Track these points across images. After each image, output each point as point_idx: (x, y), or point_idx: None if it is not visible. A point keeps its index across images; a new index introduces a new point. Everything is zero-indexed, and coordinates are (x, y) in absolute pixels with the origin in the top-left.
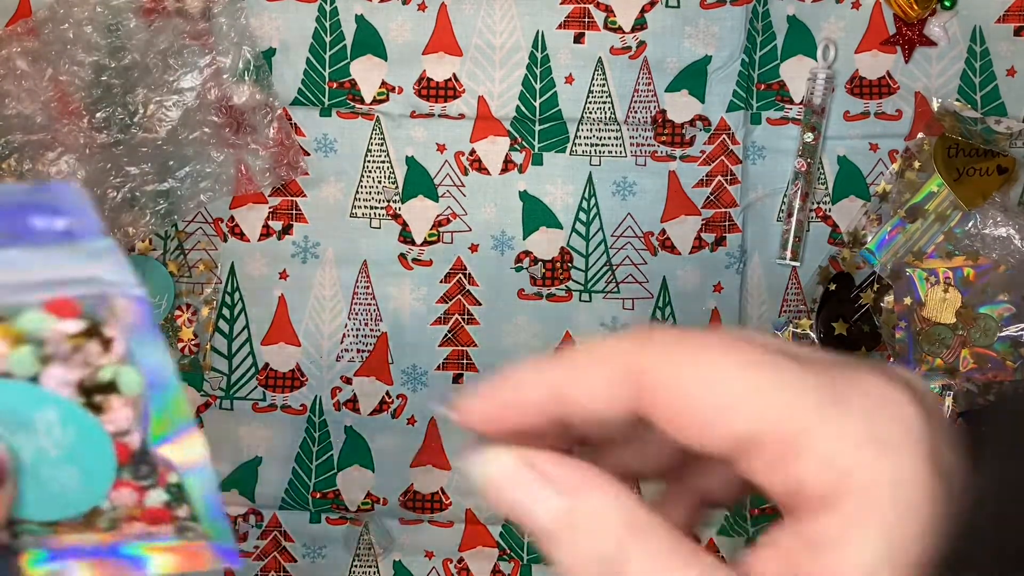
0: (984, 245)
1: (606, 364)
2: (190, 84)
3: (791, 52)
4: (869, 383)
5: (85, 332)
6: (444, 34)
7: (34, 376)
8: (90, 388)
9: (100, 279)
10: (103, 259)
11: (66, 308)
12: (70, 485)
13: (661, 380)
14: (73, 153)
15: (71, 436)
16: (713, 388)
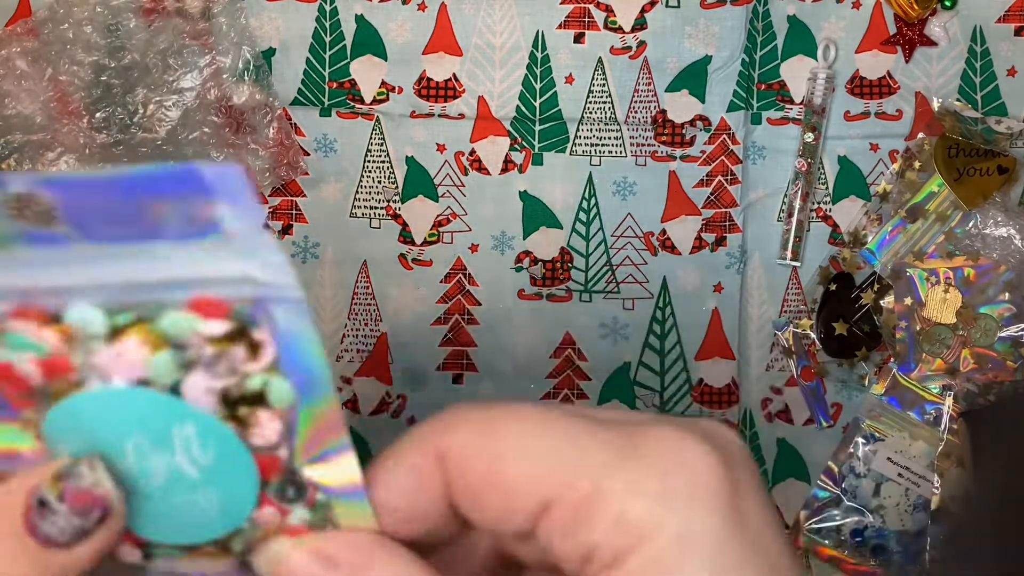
0: (985, 245)
1: (413, 453)
2: (190, 84)
3: (791, 52)
4: (664, 437)
5: (231, 336)
6: (444, 34)
7: (175, 384)
8: (235, 399)
9: (255, 278)
10: (260, 255)
11: (213, 308)
12: (208, 509)
13: (463, 460)
14: (73, 153)
15: (211, 455)
16: (505, 456)
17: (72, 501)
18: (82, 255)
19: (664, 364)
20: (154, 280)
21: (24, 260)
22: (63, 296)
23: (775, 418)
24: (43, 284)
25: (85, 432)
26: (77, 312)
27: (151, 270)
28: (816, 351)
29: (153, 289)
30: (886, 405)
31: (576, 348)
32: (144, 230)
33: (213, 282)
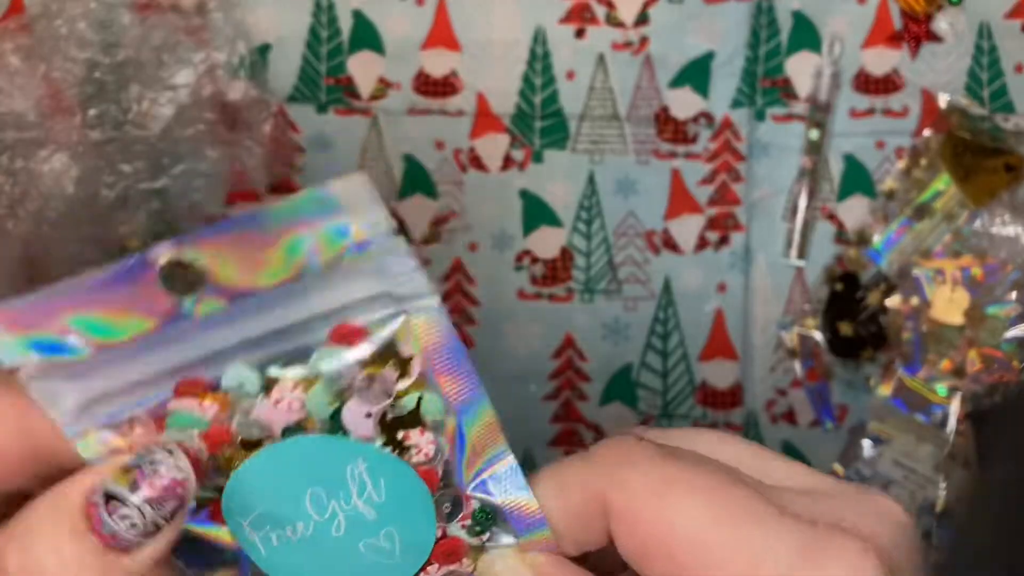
0: (992, 244)
1: (581, 494)
2: (184, 80)
3: (796, 48)
4: (846, 551)
5: (379, 357)
6: (442, 29)
7: (333, 416)
8: (392, 422)
9: (390, 294)
10: (394, 268)
11: (353, 334)
12: (391, 550)
13: (634, 519)
14: (66, 151)
15: (384, 489)
16: (683, 532)
17: (150, 490)
18: (230, 315)
19: (667, 365)
20: (298, 321)
21: (183, 335)
22: (218, 361)
23: (780, 420)
24: (197, 355)
25: (261, 497)
26: (233, 375)
27: (294, 312)
28: (821, 352)
29: (297, 331)
30: (892, 407)
31: (577, 349)
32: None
33: (352, 308)
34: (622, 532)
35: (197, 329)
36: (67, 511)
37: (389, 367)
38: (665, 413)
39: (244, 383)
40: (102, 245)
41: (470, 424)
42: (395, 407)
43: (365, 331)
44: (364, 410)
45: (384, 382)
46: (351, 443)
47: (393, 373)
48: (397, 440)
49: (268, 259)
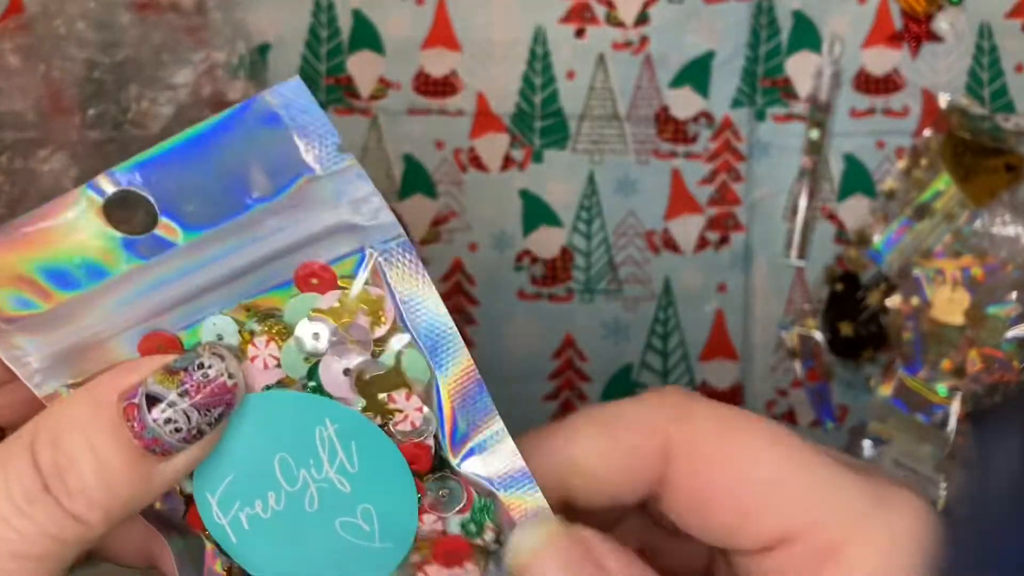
0: (992, 244)
1: (636, 433)
2: (183, 80)
3: (796, 47)
4: (911, 499)
5: (348, 302)
6: (442, 28)
7: (309, 373)
8: (372, 381)
9: (352, 224)
10: (348, 192)
11: (320, 275)
12: (371, 531)
13: (699, 459)
14: (65, 151)
15: (358, 459)
16: (753, 473)
17: (198, 395)
18: (190, 254)
19: (667, 365)
20: (259, 258)
21: (142, 281)
22: (184, 307)
23: (780, 420)
24: (161, 300)
25: (230, 462)
26: (211, 328)
27: (254, 248)
28: (822, 352)
29: (261, 270)
30: (893, 407)
31: (577, 349)
32: (235, 198)
33: (314, 240)
34: (682, 474)
35: (156, 272)
36: (106, 408)
37: (361, 314)
38: None
39: (223, 334)
40: None
41: (446, 375)
42: (374, 363)
43: (331, 272)
44: (340, 366)
45: (358, 331)
46: (316, 400)
47: (365, 318)
48: (379, 403)
49: (212, 186)
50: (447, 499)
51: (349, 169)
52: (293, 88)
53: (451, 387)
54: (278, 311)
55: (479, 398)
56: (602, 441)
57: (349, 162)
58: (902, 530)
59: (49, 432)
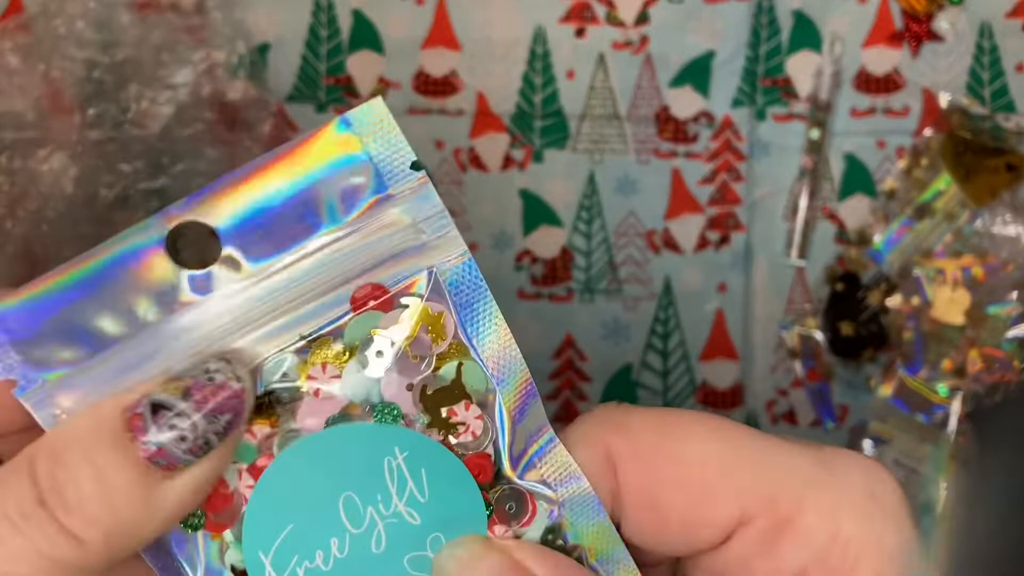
0: (993, 244)
1: (580, 451)
2: (183, 80)
3: (797, 47)
4: (857, 458)
5: (410, 319)
6: (442, 28)
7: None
8: (435, 396)
9: (416, 244)
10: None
11: (377, 296)
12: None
13: (643, 461)
14: (65, 150)
15: (427, 487)
16: (697, 461)
17: (204, 399)
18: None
19: (667, 365)
20: (323, 285)
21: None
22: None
23: (780, 420)
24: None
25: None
26: (271, 365)
27: (319, 276)
28: (822, 352)
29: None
30: (893, 407)
31: (577, 349)
32: (303, 223)
33: (379, 262)
34: (631, 476)
35: (214, 308)
36: (108, 419)
37: (422, 330)
38: None
39: (286, 371)
40: None
41: (506, 390)
42: (435, 378)
43: (388, 291)
44: (404, 382)
45: (420, 346)
46: (384, 430)
47: (426, 336)
48: (441, 418)
49: (278, 212)
50: (513, 511)
51: (420, 187)
52: (370, 109)
53: (510, 402)
54: (336, 336)
55: (534, 408)
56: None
57: (420, 179)
58: (849, 487)
59: (49, 447)
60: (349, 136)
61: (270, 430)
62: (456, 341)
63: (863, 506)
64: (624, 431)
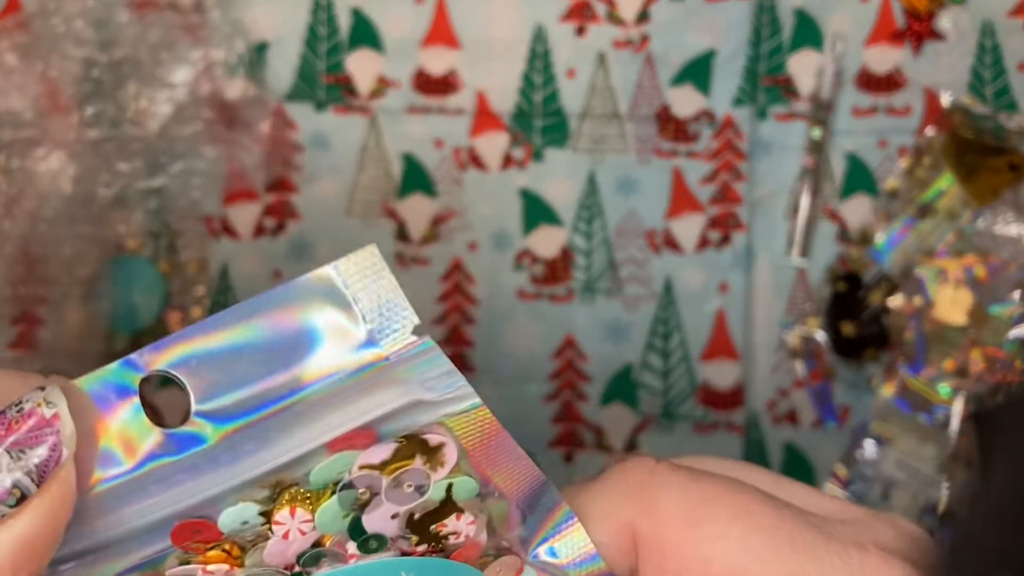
0: (995, 244)
1: (604, 531)
2: (182, 79)
3: (798, 46)
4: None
5: (403, 452)
6: (442, 27)
7: (351, 527)
8: (423, 520)
9: (421, 400)
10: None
11: (358, 439)
12: None
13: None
14: (63, 150)
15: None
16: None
17: (10, 432)
18: (222, 450)
19: (667, 365)
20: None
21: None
22: (213, 504)
23: (782, 420)
24: (194, 500)
25: None
26: (232, 516)
27: (299, 438)
28: (824, 352)
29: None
30: (895, 407)
31: (577, 349)
32: (283, 383)
33: (372, 421)
34: (651, 565)
35: (184, 472)
36: None
37: (417, 461)
38: (666, 413)
39: (247, 519)
40: (100, 244)
41: (538, 519)
42: (424, 505)
43: (372, 433)
44: (390, 511)
45: (414, 477)
46: (384, 564)
47: (422, 465)
48: (430, 534)
49: (255, 371)
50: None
51: (425, 352)
52: (363, 259)
53: (516, 495)
54: (301, 479)
55: (545, 495)
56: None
57: (426, 346)
58: None
59: None
60: (335, 290)
61: (228, 568)
62: (457, 468)
63: None
64: (652, 515)
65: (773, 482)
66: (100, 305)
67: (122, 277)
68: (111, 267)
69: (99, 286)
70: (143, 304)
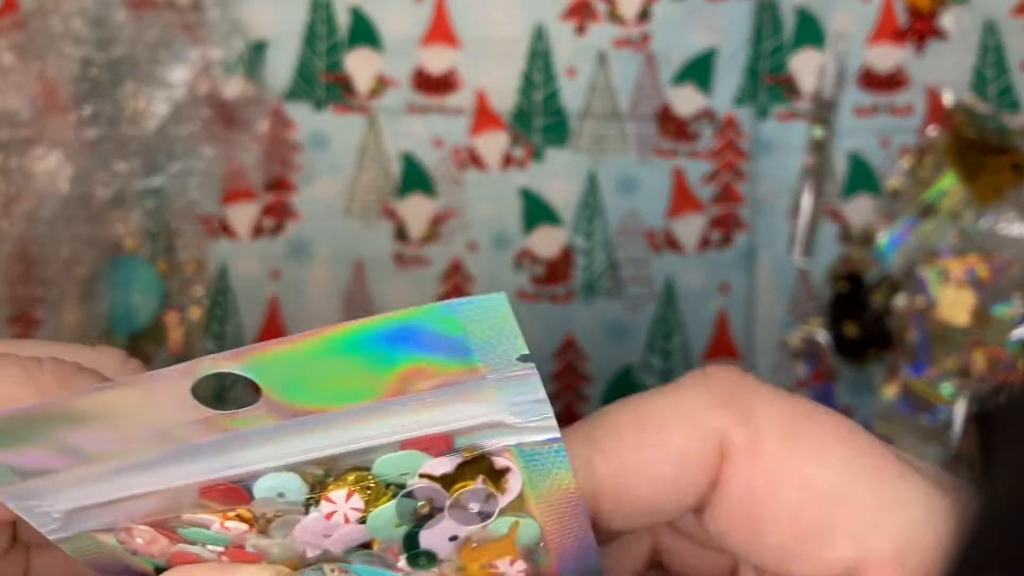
0: (998, 244)
1: (688, 436)
2: (180, 78)
3: (800, 45)
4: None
5: (467, 470)
6: (441, 25)
7: (407, 538)
8: (477, 550)
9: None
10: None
11: (433, 445)
12: None
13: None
14: (60, 149)
15: None
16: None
17: None
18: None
19: (668, 366)
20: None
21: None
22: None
23: None
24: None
25: None
26: (270, 483)
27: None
28: (826, 353)
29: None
30: (897, 408)
31: (578, 349)
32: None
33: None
34: (739, 479)
35: (233, 441)
36: None
37: (479, 482)
38: None
39: (285, 491)
40: (97, 244)
41: (559, 546)
42: (485, 531)
43: (448, 440)
44: (450, 532)
45: (478, 499)
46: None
47: (483, 488)
48: (479, 569)
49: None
50: None
51: (524, 377)
52: (490, 307)
53: (562, 552)
54: (366, 464)
55: (591, 561)
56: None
57: (526, 370)
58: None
59: None
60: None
61: (247, 528)
62: (518, 501)
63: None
64: (748, 423)
65: None
66: (98, 305)
67: (120, 277)
68: (109, 267)
69: (97, 286)
70: (141, 304)
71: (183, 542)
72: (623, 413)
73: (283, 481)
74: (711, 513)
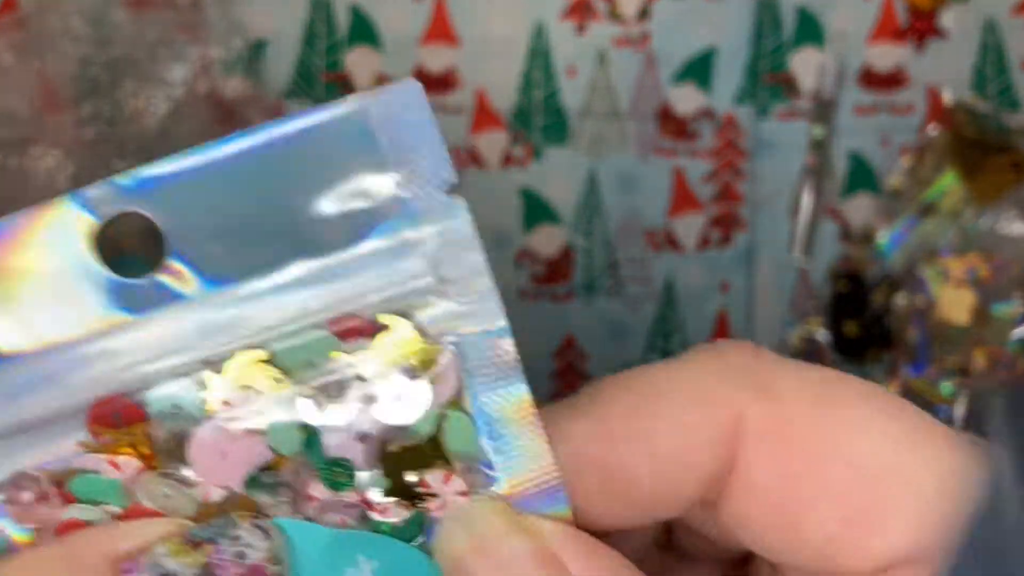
0: (998, 243)
1: (698, 410)
2: (179, 77)
3: (800, 44)
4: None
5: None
6: (441, 24)
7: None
8: (398, 455)
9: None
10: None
11: (354, 326)
12: None
13: (785, 455)
14: (59, 149)
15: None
16: (867, 468)
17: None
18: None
19: None
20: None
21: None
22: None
23: None
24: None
25: None
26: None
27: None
28: (826, 352)
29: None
30: None
31: (578, 349)
32: (285, 244)
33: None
34: (765, 458)
35: (145, 334)
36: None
37: (399, 370)
38: None
39: (181, 405)
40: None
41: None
42: (403, 430)
43: (369, 324)
44: (356, 428)
45: (396, 389)
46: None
47: (404, 379)
48: (406, 485)
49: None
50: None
51: (455, 227)
52: (403, 95)
53: (518, 490)
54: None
55: (555, 504)
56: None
57: (459, 215)
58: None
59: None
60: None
61: (140, 466)
62: (454, 399)
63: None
64: (770, 398)
65: None
66: None
67: None
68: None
69: None
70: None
71: (75, 502)
72: (617, 382)
73: (179, 390)
74: (727, 506)
